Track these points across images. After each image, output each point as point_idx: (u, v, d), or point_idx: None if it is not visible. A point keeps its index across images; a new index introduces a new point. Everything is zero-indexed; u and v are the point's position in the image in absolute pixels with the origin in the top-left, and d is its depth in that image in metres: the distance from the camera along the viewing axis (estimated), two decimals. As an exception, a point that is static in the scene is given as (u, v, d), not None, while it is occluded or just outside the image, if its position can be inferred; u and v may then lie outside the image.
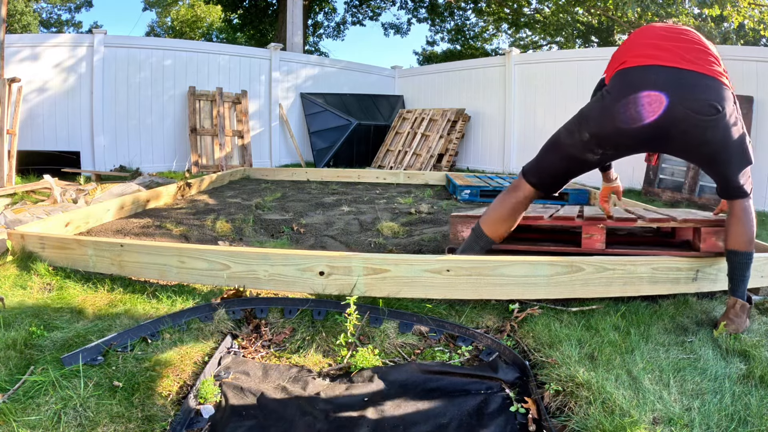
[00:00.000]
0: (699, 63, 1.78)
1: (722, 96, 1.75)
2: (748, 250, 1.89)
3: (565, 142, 1.97)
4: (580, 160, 1.97)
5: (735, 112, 1.78)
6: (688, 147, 1.87)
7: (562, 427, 1.32)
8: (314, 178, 6.13)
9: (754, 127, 4.92)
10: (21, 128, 5.40)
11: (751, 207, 1.92)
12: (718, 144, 1.79)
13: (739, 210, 1.92)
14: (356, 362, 1.61)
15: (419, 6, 17.35)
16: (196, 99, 7.00)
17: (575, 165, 2.00)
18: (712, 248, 2.09)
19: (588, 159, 1.95)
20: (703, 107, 1.73)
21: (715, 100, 1.73)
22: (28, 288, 2.03)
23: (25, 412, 1.22)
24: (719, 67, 1.81)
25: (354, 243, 2.93)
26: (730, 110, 1.76)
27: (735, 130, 1.78)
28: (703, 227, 2.10)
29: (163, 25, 23.32)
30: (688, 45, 1.83)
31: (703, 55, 1.81)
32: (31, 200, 4.09)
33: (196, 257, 2.09)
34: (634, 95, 1.78)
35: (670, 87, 1.74)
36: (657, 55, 1.82)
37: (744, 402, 1.35)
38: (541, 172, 2.05)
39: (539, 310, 1.94)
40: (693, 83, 1.74)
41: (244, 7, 16.67)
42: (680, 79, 1.75)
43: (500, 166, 7.50)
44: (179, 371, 1.50)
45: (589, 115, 1.92)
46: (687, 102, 1.73)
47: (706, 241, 2.10)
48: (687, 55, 1.79)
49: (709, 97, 1.73)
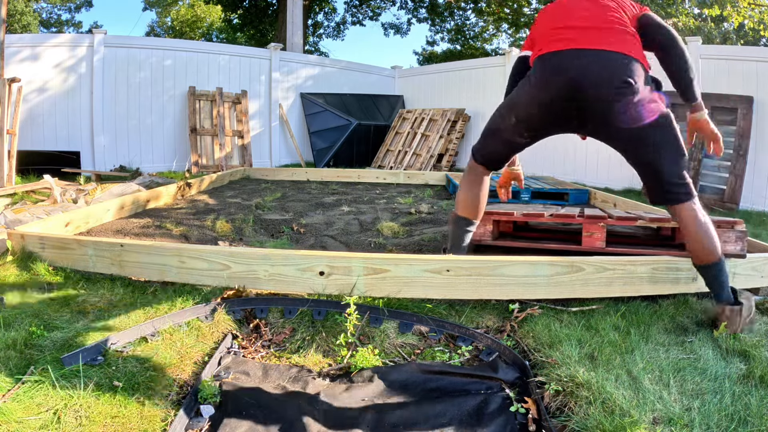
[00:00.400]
0: (615, 43, 1.79)
1: (633, 72, 1.75)
2: (714, 260, 1.81)
3: (498, 126, 2.09)
4: (511, 142, 2.09)
5: (650, 92, 1.77)
6: (608, 126, 1.85)
7: (562, 427, 1.32)
8: (314, 178, 6.13)
9: (754, 127, 4.92)
10: (21, 128, 5.40)
11: (699, 211, 1.81)
12: (634, 121, 1.77)
13: (687, 219, 1.81)
14: (356, 362, 1.61)
15: (419, 6, 17.36)
16: (196, 99, 7.00)
17: (509, 146, 2.12)
18: None
19: (518, 141, 2.07)
20: (611, 81, 1.75)
21: (624, 75, 1.75)
22: (28, 288, 2.03)
23: (25, 412, 1.22)
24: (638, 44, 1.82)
25: (354, 243, 2.93)
26: (643, 87, 1.76)
27: (653, 110, 1.76)
28: None
29: (163, 25, 23.32)
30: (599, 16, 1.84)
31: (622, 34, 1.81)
32: (31, 200, 4.09)
33: (196, 257, 2.09)
34: (551, 79, 1.85)
35: (581, 68, 1.79)
36: (570, 37, 1.86)
37: (744, 402, 1.35)
38: (483, 152, 2.18)
39: (539, 310, 1.94)
40: (601, 61, 1.77)
41: (244, 7, 16.68)
42: (590, 59, 1.79)
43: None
44: (179, 371, 1.50)
45: (517, 100, 2.01)
46: (596, 79, 1.77)
47: None
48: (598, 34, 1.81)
49: (617, 72, 1.75)
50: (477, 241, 2.51)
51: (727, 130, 5.06)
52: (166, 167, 6.89)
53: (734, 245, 2.09)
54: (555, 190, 4.66)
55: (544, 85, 1.87)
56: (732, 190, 4.91)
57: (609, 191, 5.25)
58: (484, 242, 2.51)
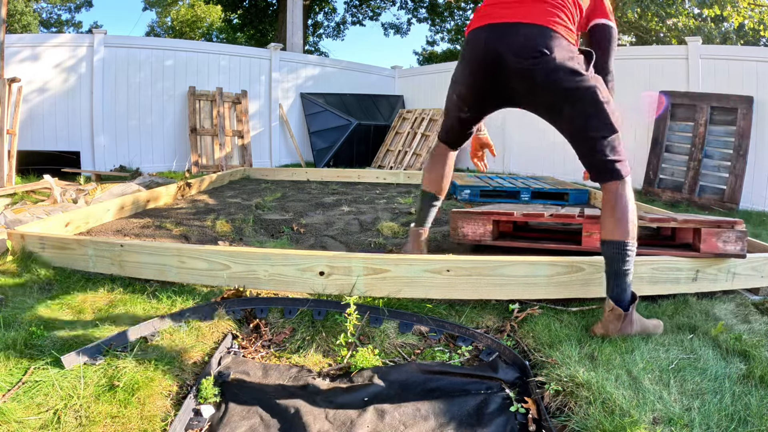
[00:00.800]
0: (536, 16, 1.81)
1: (550, 42, 1.77)
2: (618, 239, 1.73)
3: (447, 105, 2.22)
4: (460, 119, 2.19)
5: (575, 64, 1.77)
6: (532, 98, 1.89)
7: (562, 427, 1.32)
8: (314, 178, 6.13)
9: (754, 127, 4.92)
10: (21, 128, 5.40)
11: (626, 194, 1.78)
12: (555, 92, 1.78)
13: (610, 195, 1.79)
14: (356, 362, 1.61)
15: (419, 6, 17.37)
16: (196, 99, 7.00)
17: (459, 122, 2.22)
18: (713, 249, 2.09)
19: (464, 117, 2.17)
20: (527, 50, 1.78)
21: (539, 45, 1.77)
22: (28, 288, 2.03)
23: (25, 412, 1.22)
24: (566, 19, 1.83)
25: (354, 243, 2.93)
26: (562, 56, 1.76)
27: (578, 82, 1.76)
28: (703, 227, 2.11)
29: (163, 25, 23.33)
30: None
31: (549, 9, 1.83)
32: (31, 200, 4.09)
33: (196, 257, 2.09)
34: (472, 54, 1.94)
35: (497, 40, 1.84)
36: (492, 13, 1.91)
37: (744, 402, 1.35)
38: (442, 131, 2.34)
39: (539, 310, 1.94)
40: (520, 34, 1.80)
41: (244, 7, 16.68)
42: (507, 31, 1.83)
43: (500, 166, 7.50)
44: (179, 371, 1.50)
45: (455, 78, 2.10)
46: (513, 50, 1.80)
47: (706, 241, 2.10)
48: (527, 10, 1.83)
49: (533, 42, 1.77)
50: (477, 241, 2.52)
51: (727, 130, 5.07)
52: (166, 167, 6.89)
53: (734, 245, 2.09)
54: (555, 190, 4.66)
55: (469, 60, 1.96)
56: (732, 190, 4.91)
57: (609, 191, 5.24)
58: (484, 242, 2.51)
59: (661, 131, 5.54)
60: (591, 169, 1.85)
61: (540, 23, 1.80)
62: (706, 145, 5.18)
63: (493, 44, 1.85)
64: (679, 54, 5.72)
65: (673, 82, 5.63)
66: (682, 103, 5.41)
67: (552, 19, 1.81)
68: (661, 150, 5.54)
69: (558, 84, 1.77)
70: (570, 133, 1.88)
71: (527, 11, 1.83)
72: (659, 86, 5.69)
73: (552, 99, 1.83)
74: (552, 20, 1.81)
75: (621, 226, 1.75)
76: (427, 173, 2.40)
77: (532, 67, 1.78)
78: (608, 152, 1.78)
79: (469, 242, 2.55)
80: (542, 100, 1.88)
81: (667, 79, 5.68)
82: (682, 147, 5.39)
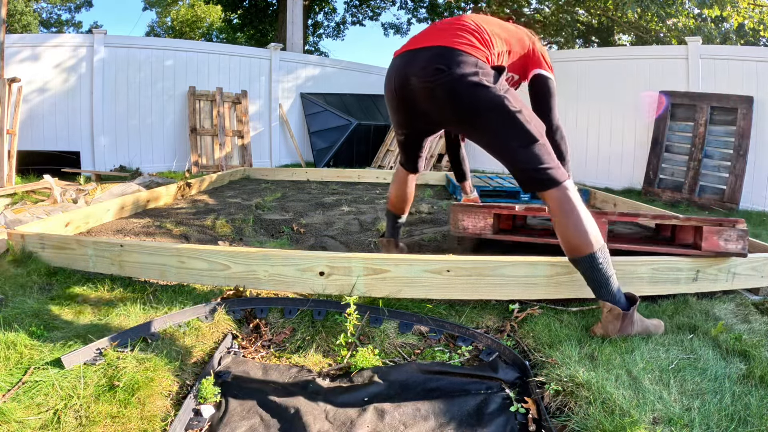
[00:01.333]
0: (442, 40, 1.84)
1: (452, 60, 1.76)
2: (580, 255, 1.66)
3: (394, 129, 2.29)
4: (402, 142, 2.28)
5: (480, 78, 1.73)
6: (444, 116, 1.90)
7: (562, 427, 1.32)
8: (314, 178, 6.13)
9: (754, 127, 4.92)
10: (21, 128, 5.40)
11: (572, 198, 1.67)
12: (461, 107, 1.77)
13: (553, 204, 1.69)
14: (356, 362, 1.61)
15: (419, 6, 17.36)
16: (196, 99, 7.00)
17: (403, 146, 2.31)
18: (714, 247, 2.09)
19: (402, 140, 2.27)
20: (426, 71, 1.80)
21: (439, 63, 1.77)
22: (28, 288, 2.03)
23: (25, 412, 1.22)
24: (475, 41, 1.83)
25: (354, 243, 2.93)
26: (463, 71, 1.73)
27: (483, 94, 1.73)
28: (705, 225, 2.10)
29: (163, 25, 23.33)
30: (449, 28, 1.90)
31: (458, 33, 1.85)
32: (31, 200, 4.09)
33: (195, 257, 2.09)
34: (387, 82, 2.02)
35: (405, 65, 1.90)
36: (409, 43, 1.98)
37: (744, 402, 1.35)
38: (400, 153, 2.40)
39: (539, 310, 1.94)
40: (422, 56, 1.84)
41: (244, 7, 16.68)
42: (414, 56, 1.88)
43: (500, 167, 7.50)
44: (179, 371, 1.50)
45: None
46: (415, 72, 1.84)
47: (708, 239, 2.09)
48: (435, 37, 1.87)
49: (433, 62, 1.79)
50: (477, 234, 2.52)
51: (727, 130, 5.07)
52: (166, 167, 6.89)
53: (735, 244, 2.09)
54: (555, 190, 4.66)
55: (386, 88, 2.04)
56: (732, 190, 4.91)
57: (609, 191, 5.26)
58: (484, 236, 2.51)
59: (661, 131, 5.54)
60: (521, 183, 1.76)
61: (443, 44, 1.82)
62: (706, 145, 5.18)
63: (402, 69, 1.91)
64: (679, 54, 5.73)
65: (673, 82, 5.63)
66: (682, 103, 5.41)
67: (457, 41, 1.82)
68: (661, 150, 5.54)
69: (461, 98, 1.76)
70: (489, 147, 1.84)
71: (436, 37, 1.87)
72: (659, 86, 5.70)
73: (460, 115, 1.81)
74: (457, 41, 1.82)
75: (580, 237, 1.65)
76: (390, 194, 2.53)
77: (431, 85, 1.80)
78: (531, 161, 1.69)
79: (469, 236, 2.54)
80: (453, 118, 1.87)
81: (667, 79, 5.68)
82: (682, 147, 5.39)
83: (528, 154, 1.70)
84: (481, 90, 1.74)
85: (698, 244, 2.13)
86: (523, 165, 1.72)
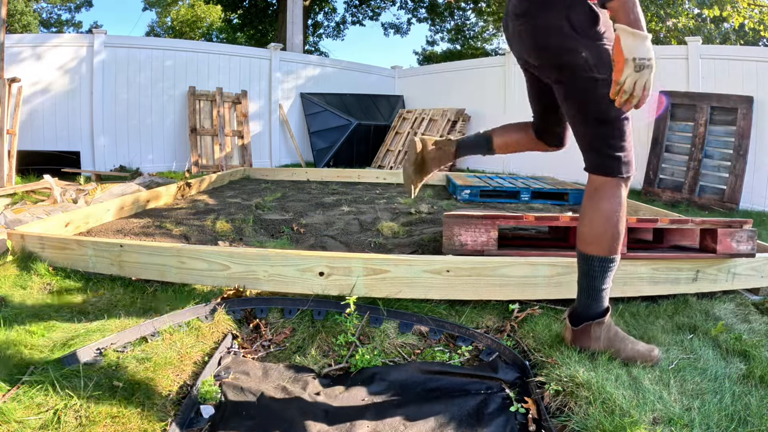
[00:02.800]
0: None
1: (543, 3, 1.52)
2: (595, 253, 1.50)
3: None
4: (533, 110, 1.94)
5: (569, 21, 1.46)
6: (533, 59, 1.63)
7: (562, 427, 1.32)
8: (314, 178, 6.13)
9: (754, 127, 4.92)
10: (21, 128, 5.40)
11: (616, 198, 1.49)
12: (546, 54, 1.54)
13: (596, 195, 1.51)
14: (356, 362, 1.61)
15: (419, 6, 17.37)
16: (196, 99, 7.00)
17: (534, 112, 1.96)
18: (728, 249, 2.09)
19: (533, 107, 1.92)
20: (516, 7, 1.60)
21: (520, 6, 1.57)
22: (28, 288, 2.03)
23: (25, 412, 1.22)
24: None
25: (354, 243, 2.93)
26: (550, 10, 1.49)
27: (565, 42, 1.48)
28: (719, 228, 2.10)
29: (163, 25, 23.32)
30: None
31: None
32: (31, 200, 4.09)
33: (195, 257, 2.09)
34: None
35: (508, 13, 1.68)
36: None
37: (744, 402, 1.35)
38: None
39: (539, 310, 1.94)
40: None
41: (244, 7, 16.69)
42: None
43: (500, 167, 7.50)
44: (179, 371, 1.50)
45: None
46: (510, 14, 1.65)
47: (722, 242, 2.09)
48: None
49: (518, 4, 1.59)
50: (479, 251, 2.22)
51: (727, 130, 5.07)
52: (166, 167, 6.89)
53: (746, 245, 2.08)
54: (555, 190, 4.66)
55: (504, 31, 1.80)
56: (732, 190, 4.91)
57: (609, 191, 5.24)
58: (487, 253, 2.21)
59: (661, 131, 5.54)
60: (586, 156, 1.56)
61: None
62: (706, 145, 5.18)
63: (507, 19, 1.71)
64: (679, 54, 5.73)
65: (673, 82, 5.63)
66: (682, 103, 5.41)
67: None
68: (661, 150, 5.54)
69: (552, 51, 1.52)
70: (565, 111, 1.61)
71: None
72: (659, 86, 5.70)
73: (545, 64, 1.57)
74: None
75: (602, 239, 1.49)
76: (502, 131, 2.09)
77: (519, 25, 1.59)
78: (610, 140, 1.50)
79: (468, 253, 2.19)
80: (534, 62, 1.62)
81: (667, 79, 5.68)
82: (682, 147, 5.39)
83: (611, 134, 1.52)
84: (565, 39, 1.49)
85: (712, 247, 2.11)
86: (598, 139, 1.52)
